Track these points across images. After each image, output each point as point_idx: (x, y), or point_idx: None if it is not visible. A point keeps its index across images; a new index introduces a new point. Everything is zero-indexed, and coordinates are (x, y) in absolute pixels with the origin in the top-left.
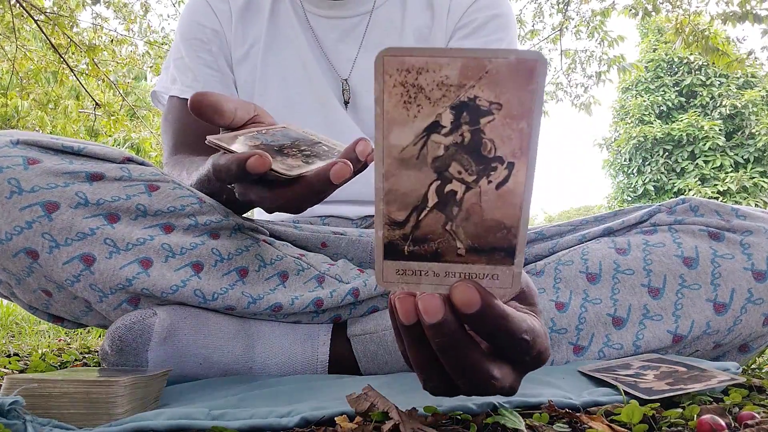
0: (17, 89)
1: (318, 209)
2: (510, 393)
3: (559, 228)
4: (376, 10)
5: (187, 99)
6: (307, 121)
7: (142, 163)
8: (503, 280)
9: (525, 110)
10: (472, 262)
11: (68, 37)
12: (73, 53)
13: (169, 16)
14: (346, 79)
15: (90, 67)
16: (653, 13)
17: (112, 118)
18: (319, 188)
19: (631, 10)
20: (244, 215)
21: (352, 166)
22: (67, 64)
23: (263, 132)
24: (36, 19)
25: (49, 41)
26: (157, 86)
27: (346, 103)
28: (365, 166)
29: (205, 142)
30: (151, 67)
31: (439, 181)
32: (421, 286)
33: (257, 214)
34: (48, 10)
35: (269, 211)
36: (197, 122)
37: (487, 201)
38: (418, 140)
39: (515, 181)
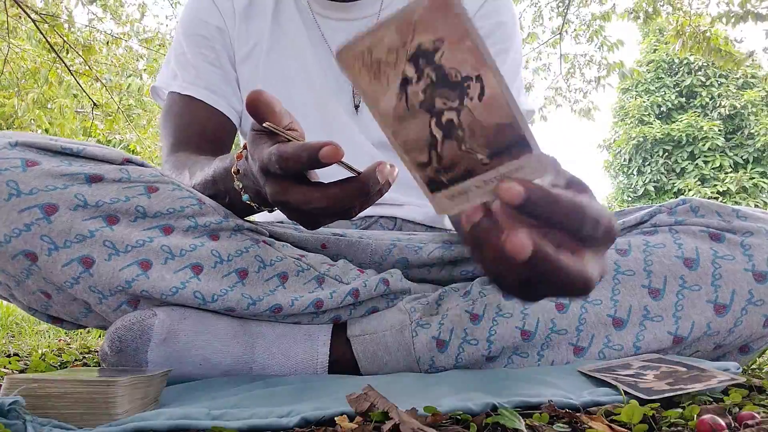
0: (16, 89)
1: None
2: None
3: None
4: (383, 11)
5: (189, 95)
6: (308, 123)
7: (141, 165)
8: (532, 167)
9: (461, 32)
10: (499, 165)
11: (63, 39)
12: (68, 52)
13: (166, 17)
14: None
15: (85, 66)
16: (653, 16)
17: (109, 118)
18: (371, 187)
19: (631, 13)
20: (272, 212)
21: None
22: (65, 63)
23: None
24: (33, 19)
25: (47, 41)
26: (157, 81)
27: (357, 107)
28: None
29: (264, 125)
30: (144, 69)
31: (434, 118)
32: (470, 201)
33: (256, 216)
34: (43, 12)
35: (304, 216)
36: (199, 119)
37: (480, 113)
38: (401, 98)
39: (490, 86)
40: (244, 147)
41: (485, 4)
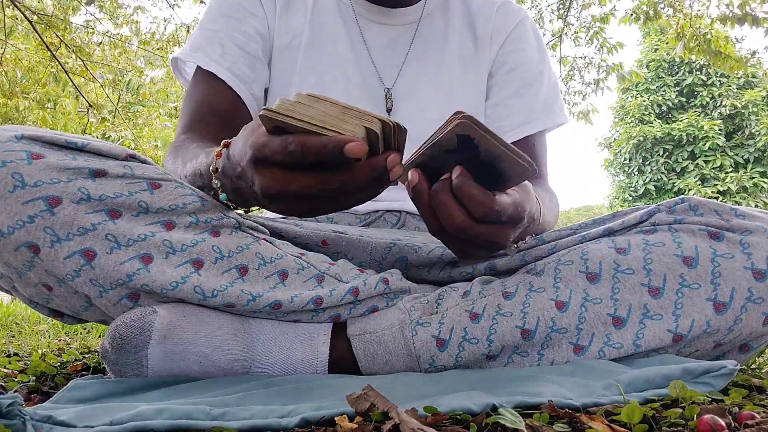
0: (17, 90)
1: None
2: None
3: (558, 233)
4: (422, 20)
5: (211, 73)
6: None
7: (144, 162)
8: None
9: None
10: None
11: (60, 39)
12: (66, 49)
13: (164, 20)
14: (389, 88)
15: (83, 67)
16: (654, 18)
17: (104, 118)
18: (378, 174)
19: (632, 15)
20: (247, 213)
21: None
22: (60, 64)
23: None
24: (30, 20)
25: (42, 41)
26: (177, 52)
27: (389, 110)
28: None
29: (274, 118)
30: (141, 71)
31: None
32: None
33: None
34: (41, 11)
35: (302, 203)
36: (216, 100)
37: None
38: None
39: None
40: (225, 146)
41: (514, 31)
